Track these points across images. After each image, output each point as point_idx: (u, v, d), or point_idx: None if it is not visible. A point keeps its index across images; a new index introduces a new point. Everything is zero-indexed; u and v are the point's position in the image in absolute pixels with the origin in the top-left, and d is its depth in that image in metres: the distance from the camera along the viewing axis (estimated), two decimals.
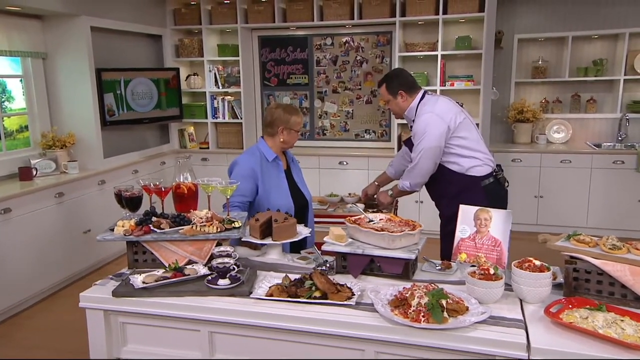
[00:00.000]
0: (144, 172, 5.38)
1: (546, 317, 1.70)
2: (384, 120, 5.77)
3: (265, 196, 2.62)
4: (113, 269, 4.80)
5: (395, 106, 2.93)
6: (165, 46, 5.90)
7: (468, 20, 5.27)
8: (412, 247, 2.07)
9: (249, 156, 2.70)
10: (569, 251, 1.87)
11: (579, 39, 5.57)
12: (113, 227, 2.21)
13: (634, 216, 5.16)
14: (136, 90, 5.30)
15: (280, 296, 1.88)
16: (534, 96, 5.88)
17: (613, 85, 5.61)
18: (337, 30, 5.70)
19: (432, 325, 1.65)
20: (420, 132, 2.77)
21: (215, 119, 5.95)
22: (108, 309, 1.96)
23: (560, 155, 5.31)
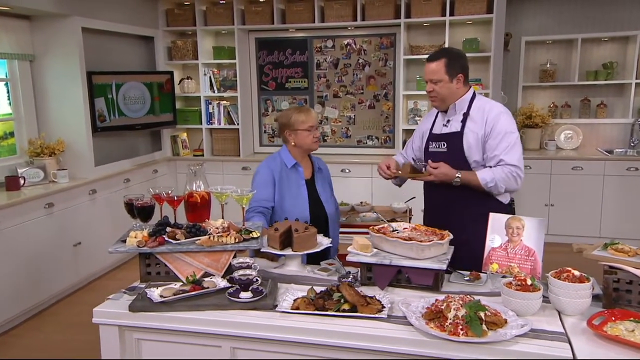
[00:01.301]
0: (136, 181, 5.36)
1: (589, 329, 1.71)
2: (387, 125, 5.80)
3: (280, 204, 2.62)
4: (105, 284, 4.76)
5: (446, 90, 2.56)
6: (157, 48, 5.89)
7: (475, 21, 5.33)
8: (442, 257, 2.08)
9: (269, 161, 2.74)
10: (608, 261, 1.89)
11: (588, 41, 5.66)
12: (124, 238, 2.19)
13: None
14: (128, 94, 5.28)
15: (307, 309, 1.88)
16: (542, 100, 5.96)
17: (624, 89, 5.70)
18: (338, 32, 5.73)
19: (471, 338, 1.66)
20: (509, 129, 2.51)
21: (210, 125, 5.95)
22: (123, 325, 1.94)
23: (572, 162, 5.37)
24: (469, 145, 2.56)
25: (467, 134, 2.57)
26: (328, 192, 2.81)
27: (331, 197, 2.83)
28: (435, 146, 2.68)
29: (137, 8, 5.49)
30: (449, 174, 2.50)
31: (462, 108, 2.61)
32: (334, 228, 2.77)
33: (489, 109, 2.57)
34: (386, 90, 5.73)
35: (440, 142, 2.66)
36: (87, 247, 4.62)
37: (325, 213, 2.71)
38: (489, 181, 2.48)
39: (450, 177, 2.50)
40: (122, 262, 5.23)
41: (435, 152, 2.67)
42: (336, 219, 2.81)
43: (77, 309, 4.22)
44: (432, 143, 2.70)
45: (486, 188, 2.50)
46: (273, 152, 5.89)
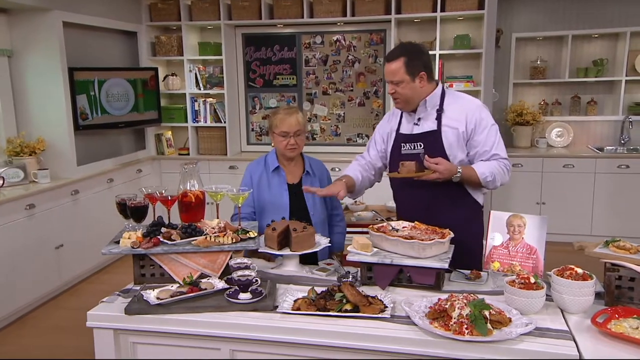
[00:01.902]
0: (119, 181, 5.32)
1: (593, 327, 1.74)
2: (377, 123, 5.81)
3: (260, 209, 2.59)
4: (88, 287, 4.71)
5: (409, 90, 2.44)
6: (140, 44, 5.84)
7: (466, 17, 5.38)
8: (443, 256, 2.10)
9: (253, 163, 2.71)
10: (610, 258, 1.93)
11: (578, 38, 5.75)
12: (117, 239, 2.17)
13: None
14: (111, 91, 5.22)
15: (308, 310, 1.88)
16: (532, 98, 6.03)
17: (614, 86, 5.80)
18: (327, 28, 5.74)
19: (476, 337, 1.68)
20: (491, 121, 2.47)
21: (196, 123, 5.91)
22: (119, 328, 1.93)
23: (563, 160, 5.45)
24: (450, 144, 2.47)
25: (446, 131, 2.47)
26: (318, 198, 2.64)
27: (322, 204, 2.69)
28: (409, 147, 2.55)
29: (120, 2, 5.44)
30: (452, 170, 2.38)
31: (434, 104, 2.50)
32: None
33: (466, 104, 2.50)
34: (376, 87, 5.75)
35: (416, 142, 2.53)
36: (70, 249, 4.57)
37: (310, 222, 2.56)
38: (488, 175, 2.42)
39: (452, 173, 2.38)
40: (105, 265, 5.18)
41: (410, 153, 2.53)
42: (325, 226, 2.70)
43: (60, 314, 4.17)
44: (405, 145, 2.56)
45: (484, 183, 2.43)
46: (260, 151, 5.99)
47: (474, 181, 2.44)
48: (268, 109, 6.05)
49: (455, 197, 2.48)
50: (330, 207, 2.78)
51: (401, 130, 2.60)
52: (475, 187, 2.49)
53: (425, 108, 2.52)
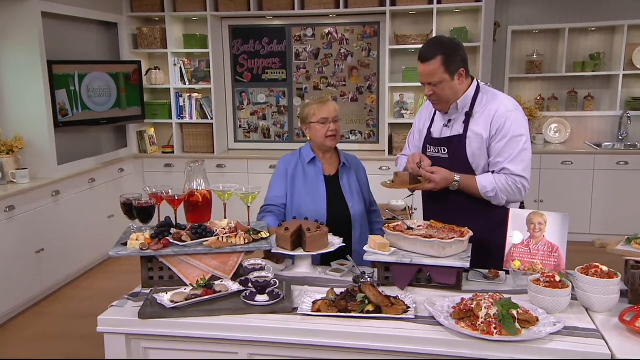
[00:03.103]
0: (101, 181, 5.27)
1: (621, 325, 1.80)
2: (371, 119, 5.87)
3: (294, 201, 2.63)
4: (72, 293, 4.66)
5: (448, 90, 2.36)
6: (121, 36, 5.78)
7: (463, 10, 5.46)
8: (463, 255, 2.14)
9: (287, 156, 2.77)
10: (633, 255, 1.99)
11: (575, 31, 5.86)
12: (124, 241, 2.17)
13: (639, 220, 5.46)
14: (92, 86, 5.17)
15: (329, 311, 1.90)
16: (528, 92, 6.14)
17: (611, 81, 5.94)
18: (319, 20, 5.76)
19: (505, 337, 1.72)
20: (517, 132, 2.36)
21: (181, 120, 5.89)
22: (131, 333, 1.93)
23: (561, 156, 5.56)
24: (473, 152, 2.41)
25: (470, 137, 2.40)
26: (354, 191, 2.71)
27: (359, 196, 2.73)
28: (434, 151, 2.53)
29: None
30: (449, 178, 2.36)
31: (464, 106, 2.42)
32: (361, 230, 2.68)
33: (496, 107, 2.38)
34: (370, 82, 5.80)
35: (440, 146, 2.49)
36: (51, 253, 4.52)
37: (349, 213, 2.64)
38: (489, 190, 2.36)
39: (449, 182, 2.37)
40: (88, 269, 5.13)
41: (433, 157, 2.50)
42: (365, 221, 2.74)
43: (43, 321, 4.13)
44: (430, 147, 2.54)
45: (485, 197, 2.38)
46: (248, 148, 5.99)
47: (474, 192, 2.39)
48: (256, 104, 6.06)
49: (487, 202, 2.44)
50: (369, 203, 2.82)
51: (432, 129, 2.57)
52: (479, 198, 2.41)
53: (457, 109, 2.44)
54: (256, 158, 5.74)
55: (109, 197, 5.35)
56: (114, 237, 5.27)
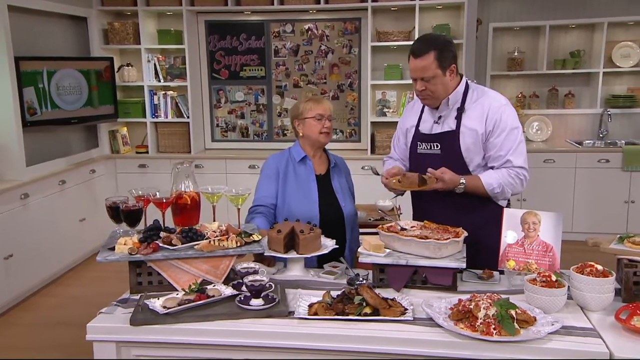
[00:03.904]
0: (72, 183, 5.20)
1: (617, 324, 1.87)
2: (352, 118, 5.92)
3: (285, 201, 2.65)
4: (42, 301, 4.59)
5: (440, 85, 2.46)
6: (91, 30, 5.71)
7: (445, 6, 5.54)
8: (458, 256, 2.18)
9: (276, 155, 2.78)
10: (627, 254, 2.07)
11: (555, 28, 6.00)
12: (111, 245, 2.15)
13: (621, 218, 5.62)
14: (62, 83, 5.09)
15: (326, 314, 1.93)
16: (509, 90, 6.26)
17: (591, 79, 6.10)
18: (298, 16, 5.78)
19: (505, 337, 1.77)
20: (513, 124, 2.48)
21: (155, 118, 5.84)
22: (122, 340, 1.92)
23: (543, 155, 5.68)
24: (467, 147, 2.50)
25: (464, 132, 2.49)
26: (345, 191, 2.79)
27: (350, 197, 2.82)
28: (425, 147, 2.60)
29: None
30: (455, 180, 2.41)
31: (455, 102, 2.53)
32: (352, 231, 2.75)
33: (488, 102, 2.50)
34: (351, 79, 5.84)
35: (433, 142, 2.57)
36: (21, 259, 4.44)
37: (342, 213, 2.69)
38: (496, 186, 2.45)
39: (454, 184, 2.42)
40: (58, 276, 5.05)
41: (425, 154, 2.59)
42: (355, 222, 2.81)
43: (13, 332, 4.05)
44: (421, 144, 2.62)
45: (492, 194, 2.47)
46: (226, 147, 5.98)
47: (480, 192, 2.47)
48: (234, 102, 6.05)
49: (476, 199, 2.51)
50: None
51: (420, 127, 2.65)
52: (484, 196, 2.50)
53: (448, 105, 2.54)
54: (234, 158, 5.73)
55: (81, 200, 5.29)
56: (86, 241, 5.32)
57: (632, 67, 5.90)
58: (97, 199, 5.52)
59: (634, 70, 5.93)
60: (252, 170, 5.58)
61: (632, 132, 6.12)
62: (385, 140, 5.48)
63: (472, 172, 2.54)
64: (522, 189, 2.55)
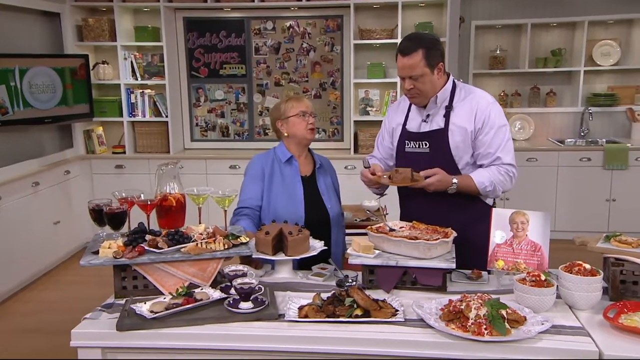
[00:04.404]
0: (46, 185, 5.14)
1: (606, 322, 1.91)
2: (335, 117, 5.94)
3: (270, 203, 2.66)
4: (13, 307, 4.54)
5: (428, 84, 2.50)
6: (64, 27, 5.64)
7: (428, 4, 5.61)
8: (447, 256, 2.22)
9: (261, 155, 2.79)
10: (613, 253, 2.12)
11: (537, 26, 6.10)
12: (94, 249, 2.14)
13: (602, 217, 5.74)
14: (35, 81, 5.03)
15: (316, 317, 1.94)
16: (491, 88, 6.34)
17: (572, 77, 6.22)
18: (279, 13, 5.79)
19: (497, 337, 1.80)
20: (501, 122, 2.54)
21: (132, 117, 5.80)
22: (108, 346, 1.91)
23: (526, 153, 5.77)
24: (456, 145, 2.54)
25: (453, 130, 2.54)
26: (331, 192, 2.81)
27: (336, 198, 2.83)
28: (413, 146, 2.63)
29: None
30: (447, 181, 2.45)
31: (443, 100, 2.57)
32: (338, 232, 2.77)
33: (476, 101, 2.55)
34: (333, 78, 5.86)
35: (421, 141, 2.61)
36: None
37: (327, 214, 2.72)
38: (488, 185, 2.50)
39: (446, 185, 2.46)
40: (31, 281, 4.98)
41: (414, 152, 2.63)
42: (341, 223, 2.83)
43: None
44: (409, 142, 2.65)
45: (484, 192, 2.52)
46: (206, 147, 5.96)
47: (473, 191, 2.52)
48: (214, 101, 6.03)
49: (464, 197, 2.55)
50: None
51: (408, 125, 2.68)
52: (474, 194, 2.55)
53: (436, 104, 2.58)
54: (215, 158, 5.72)
55: (55, 202, 5.23)
56: (60, 244, 5.26)
57: (612, 65, 6.03)
58: (72, 200, 5.47)
59: (614, 68, 6.06)
60: (233, 171, 5.58)
61: (613, 130, 6.25)
62: (369, 140, 5.52)
63: (461, 170, 2.59)
64: (512, 186, 2.61)
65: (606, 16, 5.92)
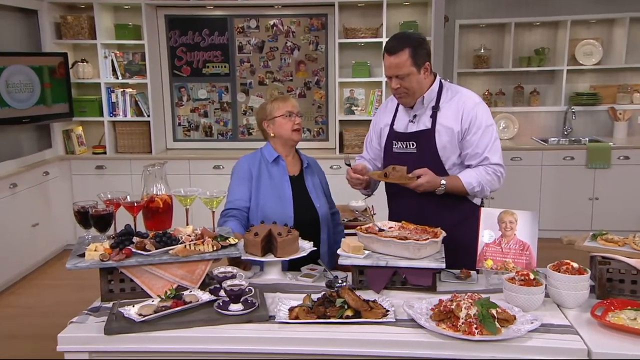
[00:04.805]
0: (24, 186, 5.08)
1: (593, 320, 1.96)
2: (320, 116, 5.96)
3: (258, 203, 2.66)
4: None
5: (415, 83, 2.53)
6: (42, 24, 5.57)
7: (413, 3, 5.65)
8: (437, 256, 2.25)
9: (248, 156, 2.79)
10: (600, 252, 2.17)
11: (520, 25, 6.17)
12: (80, 252, 2.13)
13: (586, 215, 5.83)
14: (12, 80, 4.97)
15: (307, 318, 1.96)
16: (475, 88, 6.38)
17: (555, 76, 6.30)
18: (263, 11, 5.79)
19: (487, 337, 1.83)
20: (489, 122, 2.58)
21: (113, 117, 5.76)
22: (95, 351, 1.91)
23: (511, 153, 5.83)
24: (444, 145, 2.57)
25: (440, 131, 2.57)
26: (319, 192, 2.84)
27: (324, 197, 2.85)
28: (401, 146, 2.66)
29: None
30: (435, 182, 2.48)
31: (430, 101, 2.60)
32: (327, 232, 2.79)
33: (463, 101, 2.58)
34: (318, 77, 5.88)
35: (408, 141, 2.64)
36: None
37: (317, 214, 2.74)
38: (476, 185, 2.54)
39: (435, 186, 2.49)
40: (9, 285, 4.91)
41: (401, 153, 2.66)
42: (330, 223, 2.85)
43: None
44: (396, 143, 2.68)
45: (472, 193, 2.56)
46: (189, 147, 5.94)
47: (461, 191, 2.56)
48: (197, 100, 6.01)
49: (452, 197, 2.59)
50: (330, 205, 2.90)
51: (395, 126, 2.71)
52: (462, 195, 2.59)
53: (423, 104, 2.61)
54: (198, 158, 5.70)
55: (33, 204, 5.17)
56: (39, 247, 5.22)
57: (594, 65, 6.13)
58: (51, 202, 5.42)
59: (596, 68, 6.16)
60: (217, 171, 5.57)
61: (595, 129, 6.35)
62: (354, 139, 5.55)
63: (447, 170, 2.62)
64: (499, 186, 2.64)
65: (588, 16, 6.01)
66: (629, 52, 6.02)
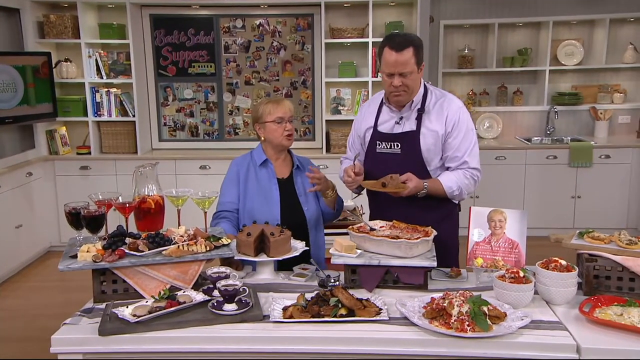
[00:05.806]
0: (7, 187, 5.03)
1: (582, 316, 2.00)
2: (306, 116, 5.98)
3: (246, 206, 2.67)
4: None
5: (415, 82, 2.58)
6: (24, 23, 5.52)
7: (399, 3, 5.69)
8: (428, 255, 2.28)
9: (238, 159, 2.80)
10: (587, 249, 2.21)
11: (503, 26, 6.25)
12: (71, 253, 2.13)
13: (568, 213, 5.92)
14: None
15: (301, 317, 1.98)
16: (460, 87, 6.48)
17: (538, 76, 6.39)
18: (249, 11, 5.79)
19: (479, 334, 1.87)
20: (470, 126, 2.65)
21: (98, 117, 5.71)
22: (90, 352, 1.91)
23: (495, 152, 5.91)
24: (428, 147, 2.62)
25: (425, 133, 2.62)
26: (309, 194, 2.80)
27: (314, 199, 2.83)
28: (384, 147, 2.69)
29: None
30: (419, 186, 2.53)
31: (417, 103, 2.64)
32: (317, 234, 2.80)
33: (447, 104, 2.64)
34: (304, 76, 5.90)
35: (393, 142, 2.67)
36: None
37: (304, 217, 2.74)
38: (455, 189, 2.61)
39: (418, 189, 2.54)
40: None
41: (384, 153, 2.69)
42: (320, 224, 2.84)
43: None
44: (380, 144, 2.71)
45: (450, 196, 2.63)
46: (175, 147, 5.92)
47: (440, 194, 2.62)
48: (183, 100, 5.99)
49: (431, 197, 2.63)
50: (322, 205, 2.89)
51: (380, 127, 2.73)
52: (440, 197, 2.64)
53: (410, 107, 2.66)
54: (184, 158, 5.69)
55: (17, 205, 5.12)
56: (23, 249, 5.17)
57: (576, 65, 6.23)
58: (34, 203, 5.37)
59: (578, 68, 6.26)
60: (204, 171, 5.56)
61: (577, 128, 6.45)
62: (340, 139, 5.57)
63: (430, 172, 2.67)
64: (474, 189, 2.75)
65: (570, 17, 6.11)
66: (609, 53, 6.13)
